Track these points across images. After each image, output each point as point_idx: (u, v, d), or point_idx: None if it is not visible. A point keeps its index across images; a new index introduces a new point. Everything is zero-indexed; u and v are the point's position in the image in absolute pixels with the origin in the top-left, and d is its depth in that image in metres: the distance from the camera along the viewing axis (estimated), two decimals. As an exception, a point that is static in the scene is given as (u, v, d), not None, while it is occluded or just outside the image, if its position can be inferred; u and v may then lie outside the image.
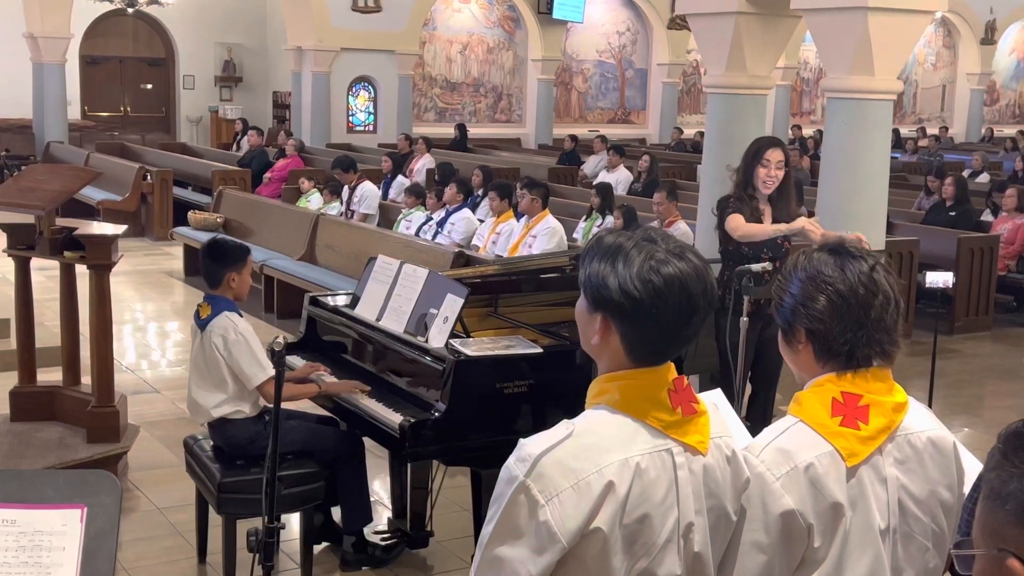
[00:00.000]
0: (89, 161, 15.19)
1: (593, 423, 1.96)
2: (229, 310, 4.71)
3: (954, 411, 7.84)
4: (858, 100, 6.47)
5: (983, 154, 17.86)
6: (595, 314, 2.00)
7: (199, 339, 4.75)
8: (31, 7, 17.27)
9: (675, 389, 2.00)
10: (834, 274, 2.16)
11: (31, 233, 5.85)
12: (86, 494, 2.04)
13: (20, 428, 5.94)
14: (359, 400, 4.67)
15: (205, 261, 4.82)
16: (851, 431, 2.13)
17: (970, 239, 10.23)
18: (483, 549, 1.92)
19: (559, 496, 1.87)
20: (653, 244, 1.97)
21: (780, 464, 2.10)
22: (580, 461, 1.89)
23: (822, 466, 2.10)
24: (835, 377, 2.18)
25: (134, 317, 9.98)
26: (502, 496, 1.91)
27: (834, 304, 2.15)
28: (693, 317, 1.97)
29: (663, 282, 1.93)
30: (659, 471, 1.94)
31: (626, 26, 23.96)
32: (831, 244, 2.25)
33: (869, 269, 2.17)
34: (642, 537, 1.93)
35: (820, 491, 2.09)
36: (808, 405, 2.18)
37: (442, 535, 5.18)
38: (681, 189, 11.02)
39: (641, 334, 1.96)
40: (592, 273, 1.99)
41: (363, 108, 20.16)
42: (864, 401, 2.15)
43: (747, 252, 5.60)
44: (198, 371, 4.75)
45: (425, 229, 10.00)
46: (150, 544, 5.20)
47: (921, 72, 27.66)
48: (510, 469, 1.92)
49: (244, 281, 4.81)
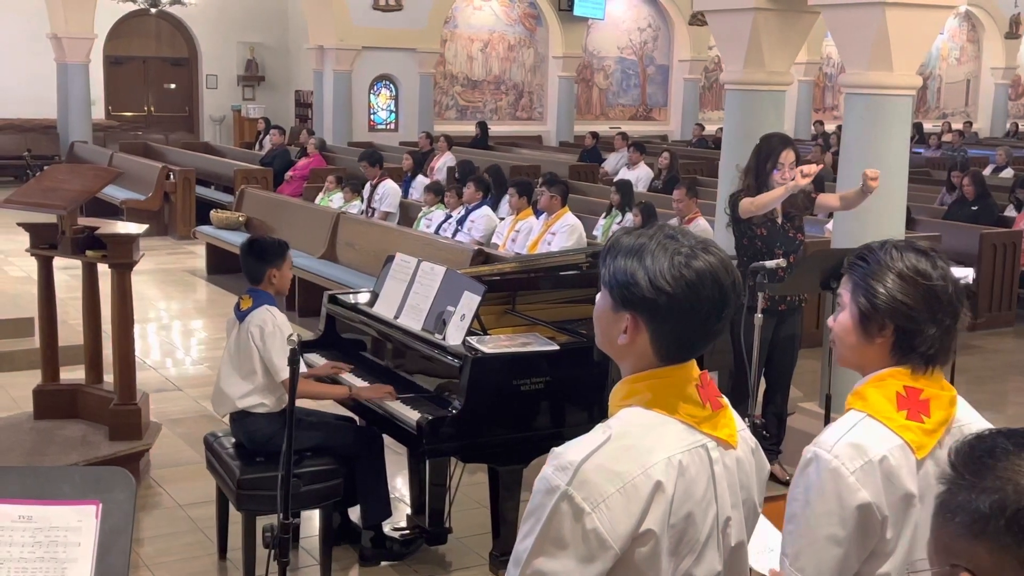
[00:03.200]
0: (113, 161, 15.29)
1: (629, 424, 1.93)
2: (270, 304, 4.77)
3: (977, 407, 7.68)
4: (876, 96, 6.45)
5: (1007, 149, 17.71)
6: (622, 313, 1.96)
7: (236, 330, 4.80)
8: (55, 8, 17.40)
9: (702, 384, 1.99)
10: (934, 273, 2.18)
11: (53, 232, 5.91)
12: (101, 490, 2.06)
13: (43, 426, 6.01)
14: (380, 399, 4.70)
15: (246, 259, 4.87)
16: (916, 424, 2.15)
17: (992, 234, 10.17)
18: (522, 565, 1.86)
19: (606, 502, 1.83)
20: (675, 240, 1.95)
21: (854, 458, 2.11)
22: (624, 464, 1.86)
23: (895, 459, 2.12)
24: (909, 374, 2.19)
25: (157, 315, 10.05)
26: (541, 507, 1.85)
27: (930, 304, 2.17)
28: (725, 310, 1.94)
29: (695, 275, 1.90)
30: (698, 468, 1.93)
31: (647, 22, 23.93)
32: (915, 244, 2.24)
33: (947, 271, 2.20)
34: (687, 535, 1.91)
35: (894, 483, 2.11)
36: (874, 400, 2.19)
37: (460, 531, 5.20)
38: (702, 186, 10.99)
39: (673, 330, 1.93)
40: (618, 271, 1.95)
41: (384, 106, 20.22)
42: (925, 395, 2.18)
43: (761, 247, 5.60)
44: (230, 361, 4.80)
45: (445, 227, 10.03)
46: (171, 540, 5.25)
47: (945, 67, 27.50)
48: (548, 480, 1.86)
49: (284, 277, 4.89)
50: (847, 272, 2.28)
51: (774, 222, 5.69)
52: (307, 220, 10.68)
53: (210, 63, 21.67)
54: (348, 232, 10.01)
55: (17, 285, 10.13)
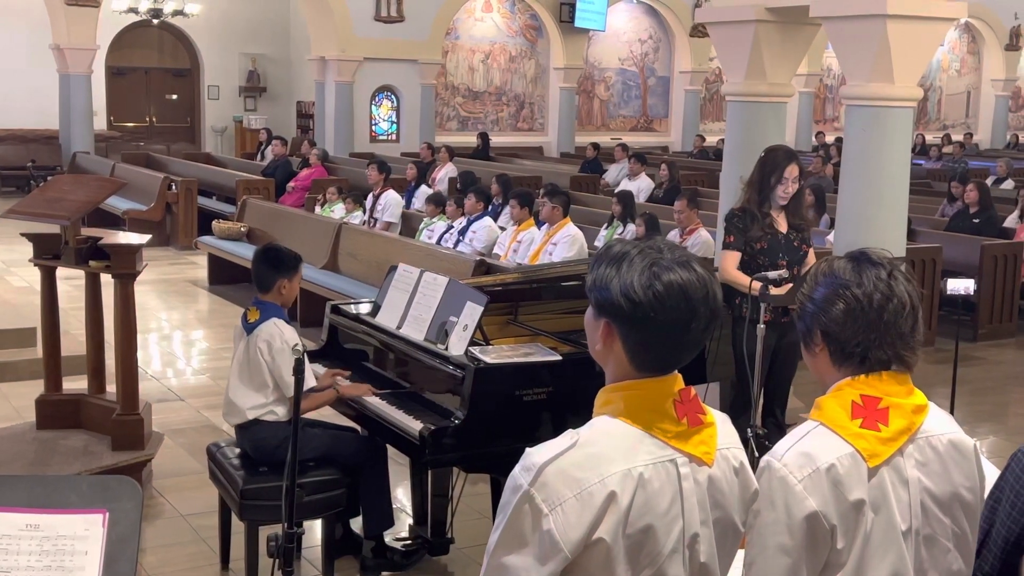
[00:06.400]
0: (115, 171, 15.32)
1: (597, 433, 1.97)
2: (278, 316, 4.78)
3: (978, 418, 7.80)
4: (878, 107, 6.47)
5: (1008, 160, 17.75)
6: (599, 320, 2.02)
7: (244, 342, 4.81)
8: (57, 19, 17.45)
9: (681, 400, 2.00)
10: (851, 279, 2.19)
11: (57, 243, 5.92)
12: (108, 499, 2.07)
13: (46, 436, 6.01)
14: (380, 408, 4.70)
15: (259, 266, 4.88)
16: (872, 432, 2.15)
17: (993, 246, 10.18)
18: (489, 556, 1.94)
19: (562, 506, 1.88)
20: (659, 252, 1.98)
21: (802, 467, 2.12)
22: (583, 471, 1.90)
23: (843, 467, 2.12)
24: (852, 380, 2.20)
25: (159, 326, 10.06)
26: (508, 504, 1.92)
27: (850, 307, 2.18)
28: (692, 323, 1.96)
29: (664, 288, 1.94)
30: (663, 482, 1.94)
31: (648, 34, 23.98)
32: (853, 252, 2.28)
33: (887, 275, 2.20)
34: (646, 547, 1.93)
35: (842, 492, 2.11)
36: (828, 409, 2.21)
37: (463, 542, 5.20)
38: (703, 197, 11.02)
39: (642, 340, 1.97)
40: (597, 278, 2.01)
41: (386, 117, 20.24)
42: (884, 403, 2.17)
43: (763, 261, 5.60)
44: (240, 373, 4.81)
45: (446, 237, 10.04)
46: (174, 550, 5.25)
47: (945, 78, 27.54)
48: (515, 478, 1.93)
49: (293, 288, 4.91)
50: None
51: (775, 234, 5.70)
52: (309, 230, 10.69)
53: (212, 74, 21.72)
54: (350, 242, 10.03)
55: (20, 295, 10.15)
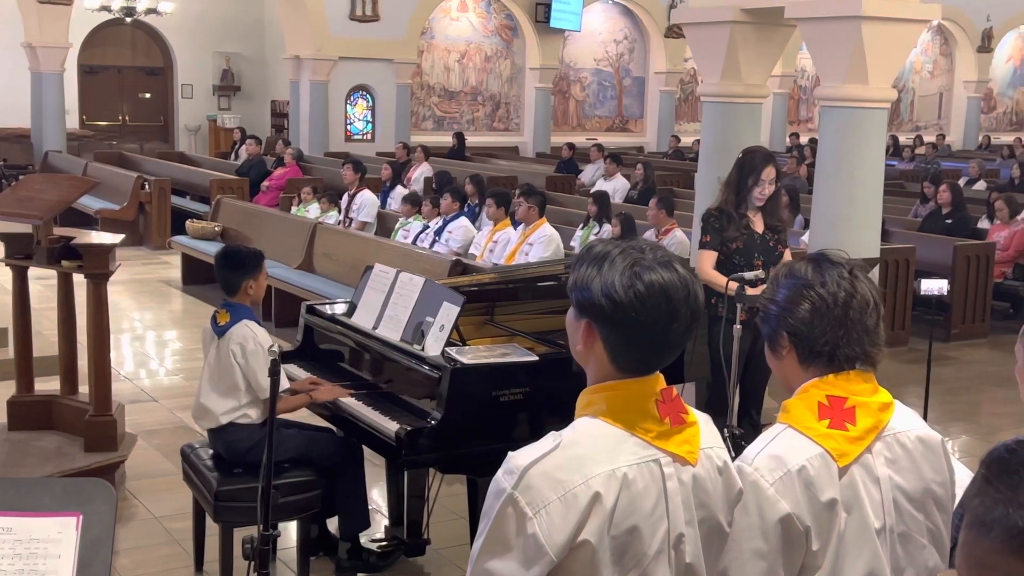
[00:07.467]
0: (87, 170, 15.21)
1: (580, 434, 1.95)
2: (248, 318, 4.73)
3: (951, 418, 7.85)
4: (852, 108, 6.50)
5: (980, 161, 17.90)
6: (580, 320, 2.00)
7: (215, 345, 4.75)
8: (29, 17, 17.29)
9: (663, 399, 1.99)
10: (814, 278, 2.21)
11: (29, 242, 5.87)
12: (82, 502, 2.05)
13: (18, 437, 5.96)
14: (356, 409, 4.68)
15: (221, 270, 4.81)
16: (839, 432, 2.16)
17: (966, 246, 10.25)
18: (474, 562, 1.92)
19: (547, 508, 1.86)
20: (640, 253, 1.97)
21: (773, 470, 2.13)
22: (567, 473, 1.89)
23: (814, 468, 2.13)
24: (819, 380, 2.21)
25: (132, 326, 9.99)
26: (491, 509, 1.91)
27: (815, 307, 2.19)
28: (673, 324, 1.95)
29: (644, 288, 1.93)
30: (647, 482, 1.93)
31: (623, 34, 24.01)
32: (811, 254, 2.30)
33: (848, 274, 2.22)
34: (632, 549, 1.92)
35: (814, 493, 2.11)
36: (795, 411, 2.22)
37: (439, 543, 5.19)
38: (678, 197, 11.05)
39: (623, 340, 1.96)
40: (578, 278, 2.00)
41: (361, 117, 20.18)
42: (850, 403, 2.18)
43: (739, 261, 5.62)
44: (211, 377, 4.75)
45: (422, 237, 10.02)
46: (147, 552, 5.21)
47: (918, 80, 27.71)
48: (498, 482, 1.91)
49: (260, 287, 4.85)
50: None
51: (751, 234, 5.71)
52: (284, 230, 10.65)
53: (185, 73, 21.58)
54: (325, 242, 9.99)
55: (-10, 295, 10.05)
